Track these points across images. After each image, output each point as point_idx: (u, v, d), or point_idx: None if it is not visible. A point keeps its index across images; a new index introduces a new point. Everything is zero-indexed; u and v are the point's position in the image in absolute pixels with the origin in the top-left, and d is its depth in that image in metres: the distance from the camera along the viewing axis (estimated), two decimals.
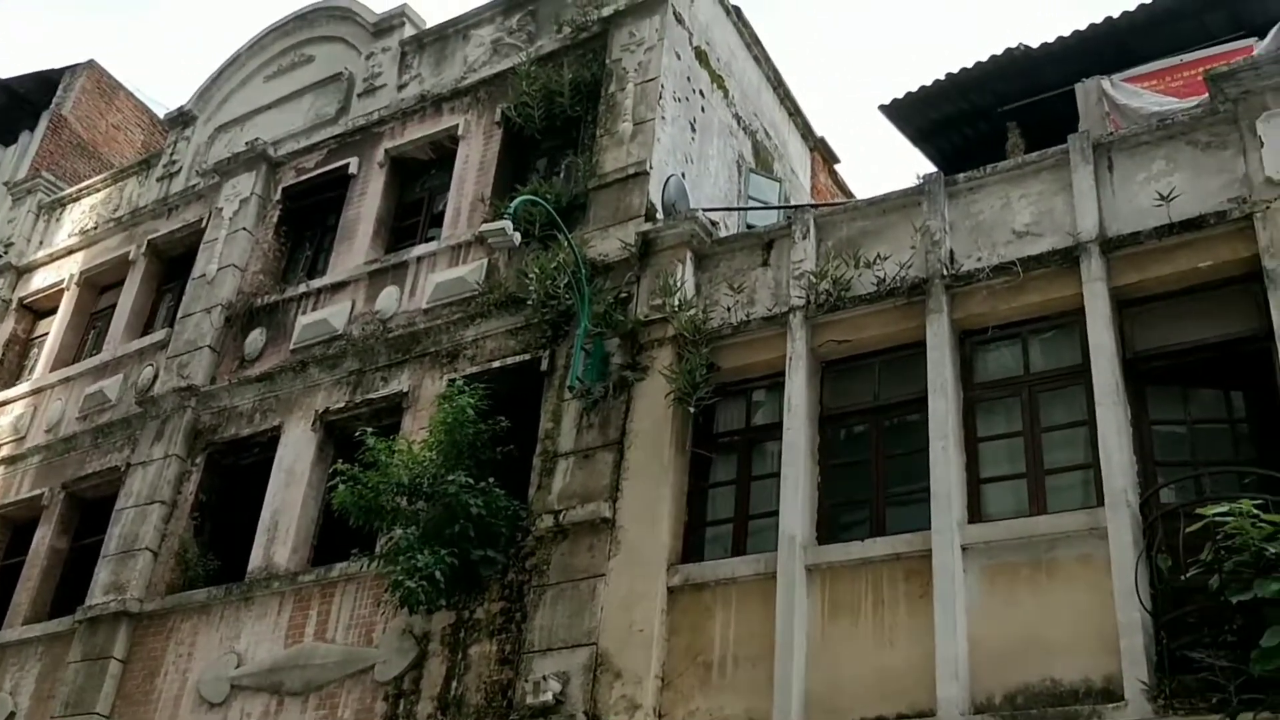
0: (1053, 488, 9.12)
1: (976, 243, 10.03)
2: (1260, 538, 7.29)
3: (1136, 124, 10.77)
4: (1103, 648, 8.08)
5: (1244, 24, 11.59)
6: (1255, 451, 8.74)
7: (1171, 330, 9.22)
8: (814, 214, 11.15)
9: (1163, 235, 9.20)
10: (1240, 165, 9.14)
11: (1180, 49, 11.83)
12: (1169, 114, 10.38)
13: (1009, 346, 9.91)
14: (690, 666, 9.62)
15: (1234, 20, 11.69)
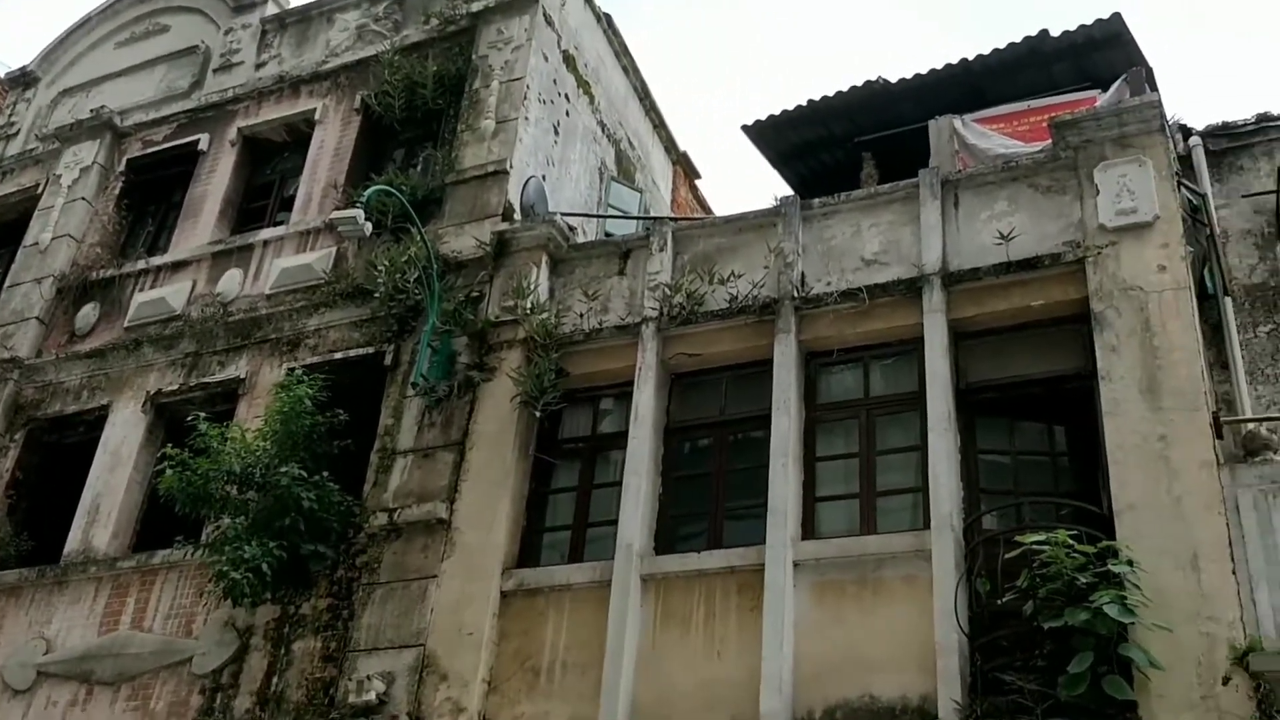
0: (883, 509, 9.36)
1: (827, 267, 10.25)
2: (1073, 567, 7.61)
3: (984, 164, 11.14)
4: (921, 666, 8.32)
5: (1089, 76, 12.11)
6: (1073, 484, 9.13)
7: (1003, 364, 9.57)
8: (672, 227, 11.24)
9: (1000, 273, 9.55)
10: (1077, 210, 9.55)
11: (1028, 95, 12.30)
12: (1014, 157, 10.78)
13: (851, 370, 10.15)
14: (519, 671, 9.56)
15: (1080, 71, 12.20)
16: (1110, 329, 8.90)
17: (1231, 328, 11.00)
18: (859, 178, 12.98)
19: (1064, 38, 12.12)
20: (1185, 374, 8.55)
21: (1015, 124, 12.02)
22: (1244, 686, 7.36)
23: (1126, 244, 9.20)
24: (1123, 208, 9.33)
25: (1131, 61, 11.81)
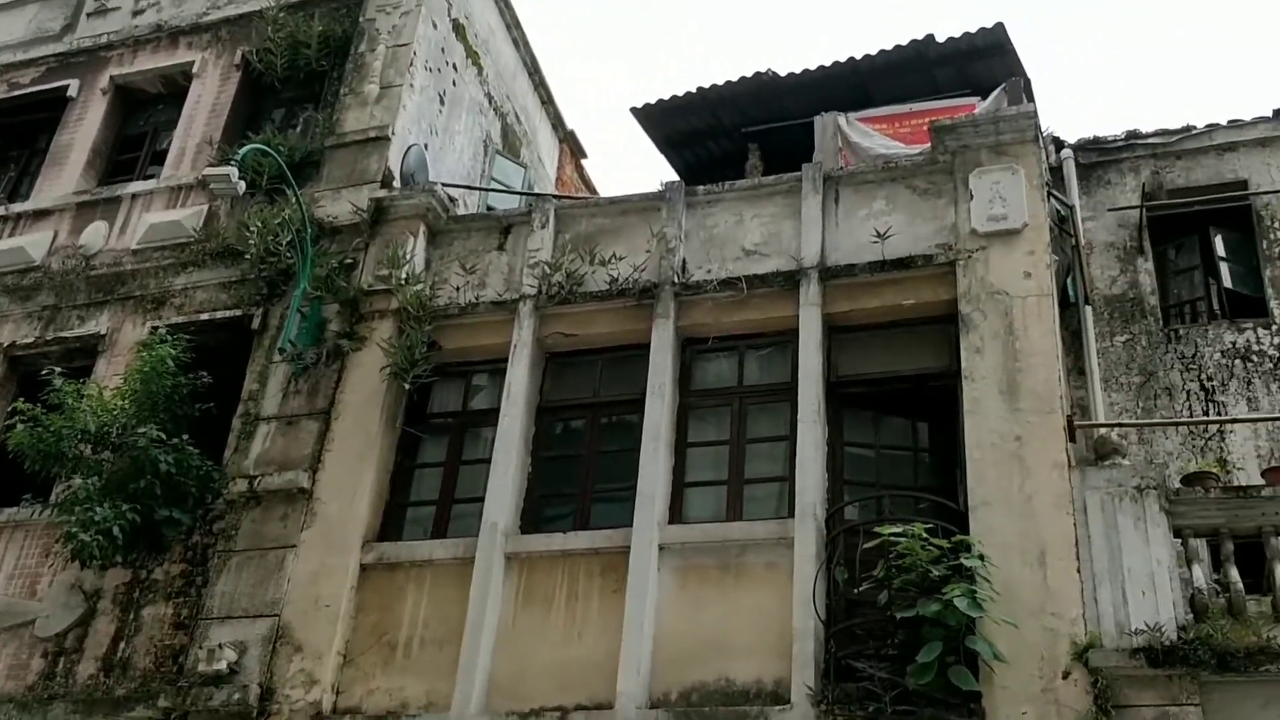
0: (750, 497, 9.47)
1: (708, 255, 10.30)
2: (927, 560, 7.80)
3: (865, 162, 11.35)
4: (777, 652, 8.45)
5: (970, 83, 12.39)
6: (933, 479, 9.36)
7: (873, 359, 9.76)
8: (556, 205, 11.17)
9: (875, 270, 9.73)
10: (951, 214, 9.77)
11: (912, 98, 12.54)
12: (894, 157, 10.98)
13: (726, 358, 10.24)
14: (375, 645, 9.44)
15: (962, 78, 12.48)
16: (975, 331, 9.14)
17: (1090, 336, 11.40)
18: (745, 168, 13.09)
19: (949, 44, 12.38)
20: (1043, 378, 8.82)
21: (897, 125, 12.25)
22: (1082, 681, 7.65)
23: (996, 249, 9.45)
24: (994, 213, 9.57)
25: (1011, 71, 12.11)
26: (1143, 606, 7.76)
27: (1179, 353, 12.13)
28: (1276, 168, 12.75)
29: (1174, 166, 13.01)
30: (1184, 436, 11.55)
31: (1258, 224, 12.56)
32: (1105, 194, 13.09)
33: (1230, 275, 12.52)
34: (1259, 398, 11.60)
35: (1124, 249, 12.87)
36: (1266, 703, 7.44)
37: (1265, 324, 12.01)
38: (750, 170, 12.90)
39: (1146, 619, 7.68)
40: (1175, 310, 12.72)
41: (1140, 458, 10.76)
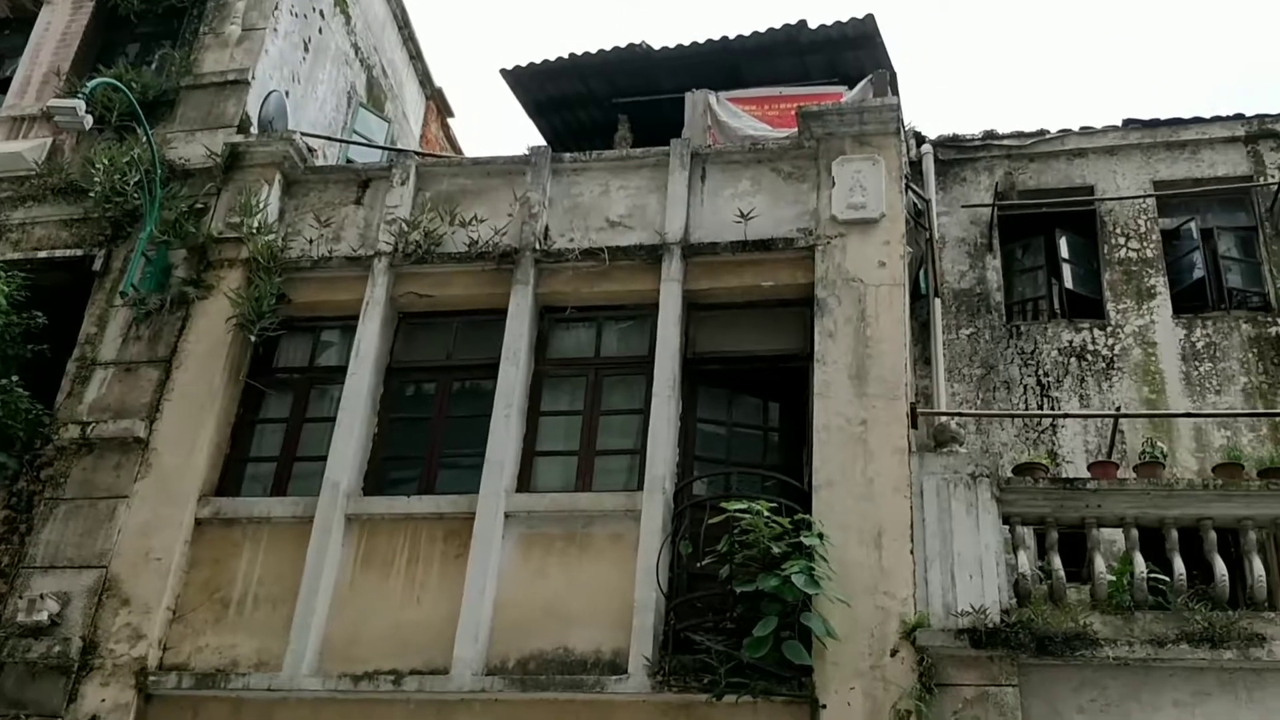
0: (601, 468, 9.48)
1: (572, 223, 10.25)
2: (770, 536, 7.94)
3: (733, 142, 11.42)
4: (618, 623, 8.50)
5: (839, 72, 12.58)
6: (781, 459, 9.53)
7: (730, 338, 9.85)
8: (418, 162, 10.96)
9: (737, 250, 9.82)
10: (813, 200, 9.91)
11: (782, 81, 12.66)
12: (762, 139, 11.09)
13: (585, 328, 10.21)
14: (207, 602, 9.20)
15: (831, 66, 12.66)
16: (830, 315, 9.31)
17: (938, 327, 11.70)
18: (614, 139, 13.04)
19: (820, 31, 12.53)
20: (891, 365, 9.04)
21: (766, 108, 12.36)
22: (909, 659, 7.89)
23: (854, 237, 9.63)
24: (854, 202, 9.75)
25: (879, 63, 12.33)
26: (970, 589, 8.04)
27: (1019, 348, 12.56)
28: (1122, 175, 13.28)
29: (1026, 168, 13.44)
30: (1019, 429, 11.99)
31: (1100, 229, 13.07)
32: (960, 191, 13.46)
33: (1072, 277, 12.99)
34: (1090, 395, 12.10)
35: (975, 245, 13.25)
36: (1080, 686, 7.78)
37: (1101, 325, 12.52)
38: (619, 141, 12.86)
39: (972, 601, 7.97)
40: (1019, 307, 13.17)
41: (977, 447, 11.11)
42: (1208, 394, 11.94)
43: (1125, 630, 7.84)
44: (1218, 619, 7.73)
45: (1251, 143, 13.26)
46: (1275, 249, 12.74)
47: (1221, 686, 7.67)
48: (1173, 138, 13.36)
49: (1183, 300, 12.65)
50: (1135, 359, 12.29)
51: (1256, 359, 12.12)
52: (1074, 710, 7.73)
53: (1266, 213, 12.91)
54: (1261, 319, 12.38)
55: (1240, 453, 10.01)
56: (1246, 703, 7.61)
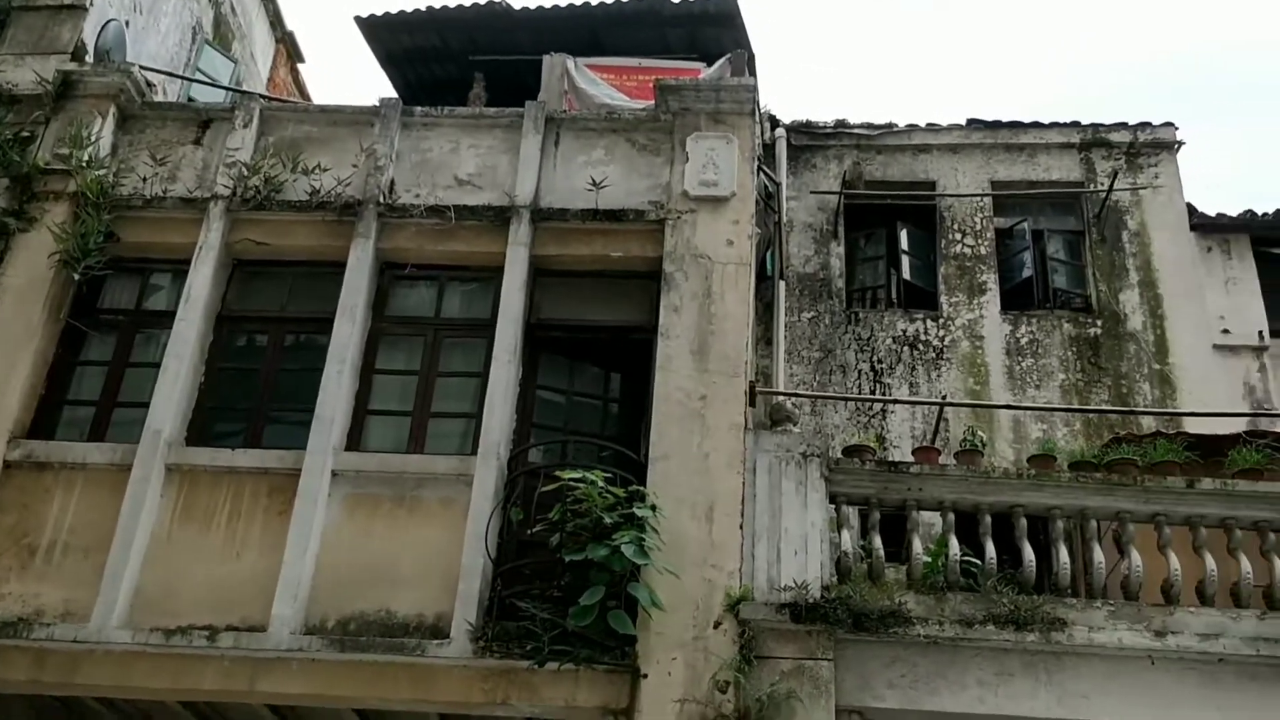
0: (435, 431, 9.34)
1: (419, 179, 10.03)
2: (602, 507, 7.95)
3: (590, 110, 11.34)
4: (443, 587, 8.41)
5: (699, 48, 12.62)
6: (619, 430, 9.54)
7: (575, 307, 9.80)
8: (262, 105, 10.56)
9: (588, 218, 9.76)
10: (666, 173, 9.91)
11: (641, 53, 12.64)
12: (618, 109, 11.05)
13: (427, 287, 10.02)
14: (12, 548, 8.77)
15: (692, 42, 12.68)
16: (676, 290, 9.34)
17: (781, 309, 11.90)
18: (468, 96, 12.82)
19: (682, 5, 12.54)
20: (732, 343, 9.13)
21: (624, 78, 12.33)
22: (731, 631, 8.02)
23: (704, 214, 9.67)
24: (706, 179, 9.79)
25: (739, 43, 12.41)
26: (794, 565, 8.21)
27: (857, 334, 12.88)
28: (963, 173, 13.71)
29: (874, 160, 13.77)
30: (852, 412, 12.31)
31: (939, 223, 13.48)
32: (810, 177, 13.70)
33: (910, 268, 13.38)
34: (920, 383, 12.50)
35: (821, 231, 13.52)
36: (891, 662, 8.03)
37: (934, 316, 12.93)
38: (473, 100, 12.64)
39: (796, 577, 8.13)
40: (859, 294, 13.50)
41: (811, 427, 11.37)
42: (1028, 388, 12.45)
43: (937, 610, 8.11)
44: (1024, 603, 8.06)
45: (1085, 150, 13.85)
46: (1099, 254, 13.33)
47: (1024, 668, 8.00)
48: (1012, 140, 13.86)
49: (1011, 297, 13.16)
50: (963, 351, 12.73)
51: (1075, 358, 12.68)
52: (884, 685, 7.98)
53: (1094, 218, 13.51)
54: (1082, 320, 12.96)
55: (1054, 445, 10.45)
56: (1046, 684, 7.96)
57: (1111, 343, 12.79)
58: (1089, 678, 7.96)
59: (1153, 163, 13.75)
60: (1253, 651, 7.89)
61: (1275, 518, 8.44)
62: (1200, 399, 12.05)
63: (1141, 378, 12.58)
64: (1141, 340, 12.80)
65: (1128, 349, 12.76)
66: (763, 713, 7.67)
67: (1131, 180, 13.60)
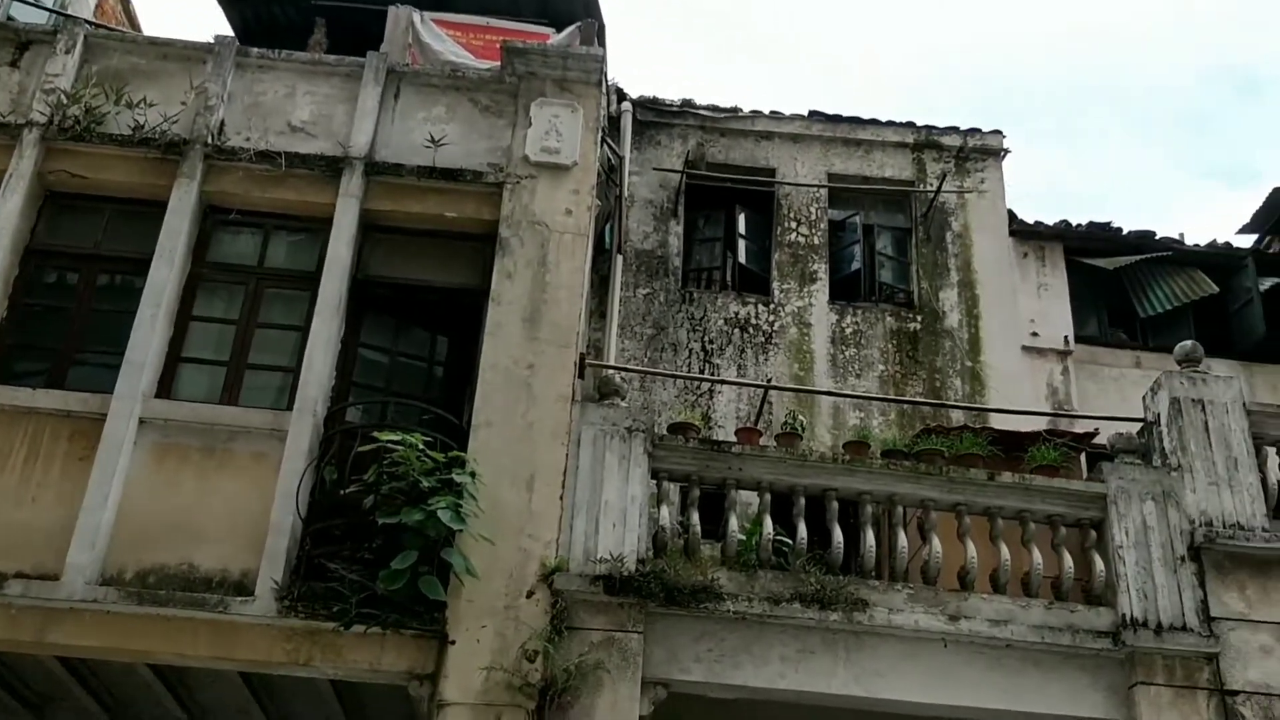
0: (251, 384, 9.06)
1: (250, 122, 9.68)
2: (420, 470, 7.82)
3: (433, 65, 11.11)
4: (250, 544, 8.18)
5: (549, 13, 12.46)
6: (443, 394, 9.41)
7: (405, 265, 9.61)
8: (88, 31, 10.03)
9: (424, 176, 9.56)
10: (508, 137, 9.79)
11: (489, 12, 12.41)
12: (463, 68, 10.84)
13: (252, 235, 9.69)
14: None
15: (542, 6, 12.52)
16: (511, 256, 9.25)
17: (617, 284, 11.94)
18: (307, 42, 12.40)
19: None
20: (565, 313, 9.10)
21: (471, 36, 12.11)
22: (544, 601, 8.02)
23: (544, 181, 9.59)
24: (548, 146, 9.71)
25: (589, 12, 12.33)
26: (611, 538, 8.24)
27: (690, 314, 13.01)
28: (802, 163, 13.97)
29: (717, 142, 13.90)
30: (680, 390, 12.44)
31: (776, 211, 13.71)
32: (654, 153, 13.75)
33: (746, 252, 13.58)
34: (749, 366, 12.71)
35: (661, 209, 13.60)
36: (700, 636, 8.16)
37: (766, 301, 13.16)
38: (313, 45, 12.22)
39: (612, 550, 8.18)
40: (694, 275, 13.63)
41: (639, 403, 11.44)
42: (850, 377, 12.80)
43: (748, 587, 8.27)
44: (830, 583, 8.29)
45: (918, 150, 14.26)
46: (924, 252, 13.77)
47: (825, 646, 8.23)
48: (850, 135, 14.17)
49: (840, 288, 13.49)
50: (791, 337, 13.00)
51: (895, 350, 13.08)
52: (691, 659, 8.10)
53: (922, 217, 13.94)
54: (904, 314, 13.38)
55: (869, 433, 10.76)
56: (845, 662, 8.21)
57: (929, 338, 13.23)
58: (886, 658, 8.24)
59: (980, 168, 14.26)
60: (1038, 639, 8.29)
61: (1068, 513, 8.87)
62: (1007, 397, 12.57)
63: (954, 373, 13.06)
64: (957, 337, 13.28)
65: (944, 345, 13.22)
66: (570, 682, 7.70)
67: (959, 183, 14.07)
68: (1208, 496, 8.79)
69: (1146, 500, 8.79)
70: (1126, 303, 13.98)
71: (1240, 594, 8.52)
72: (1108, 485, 8.86)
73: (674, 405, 12.15)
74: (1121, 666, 8.32)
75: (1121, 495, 8.80)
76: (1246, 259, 14.39)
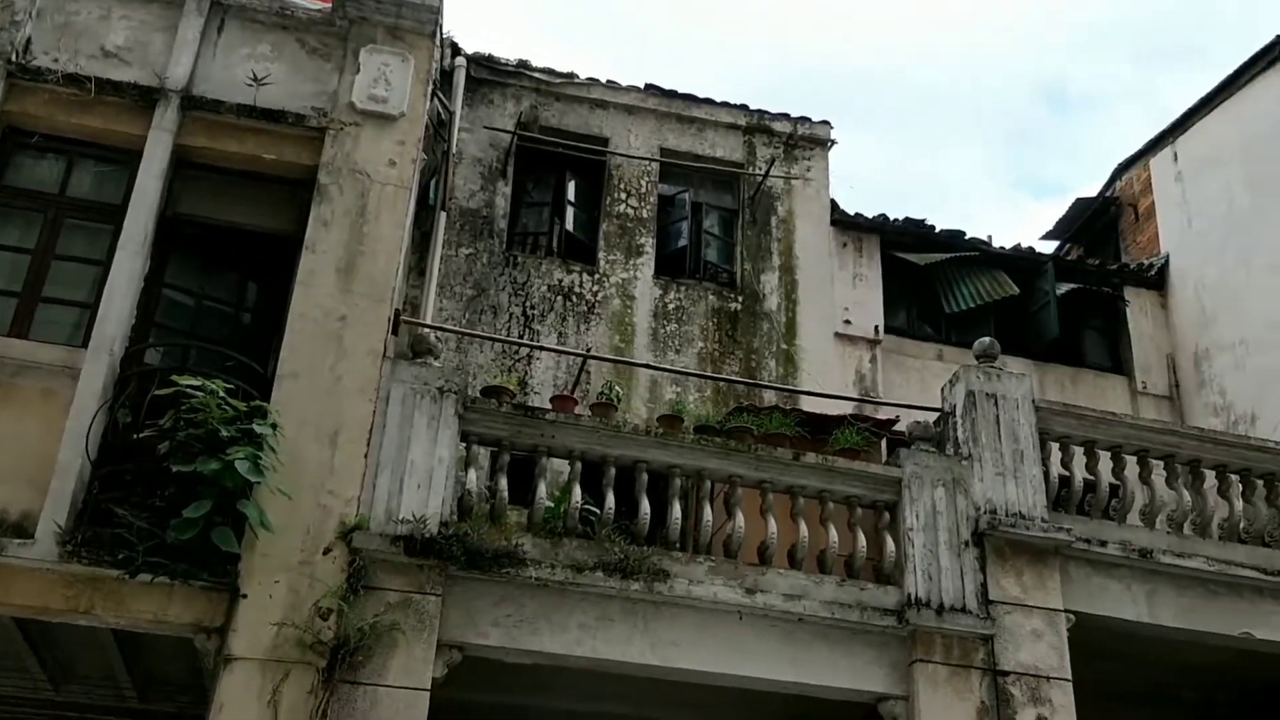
0: (44, 317, 8.63)
1: (60, 43, 9.14)
2: (220, 419, 7.56)
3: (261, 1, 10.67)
4: (33, 484, 7.78)
5: None
6: (249, 342, 9.10)
7: (218, 205, 9.28)
8: None
9: (244, 114, 9.22)
10: (334, 81, 9.51)
11: None
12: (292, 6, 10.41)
13: (55, 161, 9.20)
14: None
15: None
16: (329, 204, 9.01)
17: (439, 241, 11.75)
18: None
19: None
20: (382, 266, 8.91)
21: None
22: (342, 559, 7.86)
23: (369, 129, 9.36)
24: (376, 94, 9.48)
25: None
26: (415, 499, 8.13)
27: (513, 278, 12.92)
28: (635, 135, 14.00)
29: (552, 106, 13.81)
30: (498, 353, 12.35)
31: (607, 181, 13.72)
32: (486, 112, 13.57)
33: (574, 220, 13.55)
34: (570, 334, 12.71)
35: (490, 169, 13.44)
36: (500, 600, 8.12)
37: (591, 271, 13.17)
38: None
39: (415, 510, 8.06)
40: (520, 238, 13.53)
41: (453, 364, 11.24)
42: (669, 352, 12.93)
43: (552, 554, 8.28)
44: (633, 553, 8.37)
45: (749, 134, 14.47)
46: (749, 234, 14.00)
47: (624, 615, 8.31)
48: (684, 112, 14.28)
49: (665, 263, 13.60)
50: (614, 308, 13.05)
51: (715, 328, 13.28)
52: (489, 623, 8.06)
53: (749, 200, 14.15)
54: (726, 294, 13.59)
55: (684, 408, 10.92)
56: (642, 631, 8.31)
57: (749, 319, 13.48)
58: (682, 628, 8.37)
59: (807, 155, 14.56)
60: (828, 614, 8.56)
61: (865, 494, 9.17)
62: (818, 380, 12.92)
63: (770, 355, 13.34)
64: (775, 320, 13.57)
65: (762, 327, 13.48)
66: (363, 642, 7.57)
67: (786, 169, 14.34)
68: (994, 486, 9.22)
69: (938, 487, 9.15)
70: (935, 298, 14.51)
71: (1017, 580, 8.97)
72: (903, 470, 9.19)
73: (490, 369, 12.05)
74: (904, 644, 8.67)
75: (915, 480, 9.14)
76: (1047, 264, 15.11)
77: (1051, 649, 8.78)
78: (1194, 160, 15.11)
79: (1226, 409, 13.64)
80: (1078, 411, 10.07)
